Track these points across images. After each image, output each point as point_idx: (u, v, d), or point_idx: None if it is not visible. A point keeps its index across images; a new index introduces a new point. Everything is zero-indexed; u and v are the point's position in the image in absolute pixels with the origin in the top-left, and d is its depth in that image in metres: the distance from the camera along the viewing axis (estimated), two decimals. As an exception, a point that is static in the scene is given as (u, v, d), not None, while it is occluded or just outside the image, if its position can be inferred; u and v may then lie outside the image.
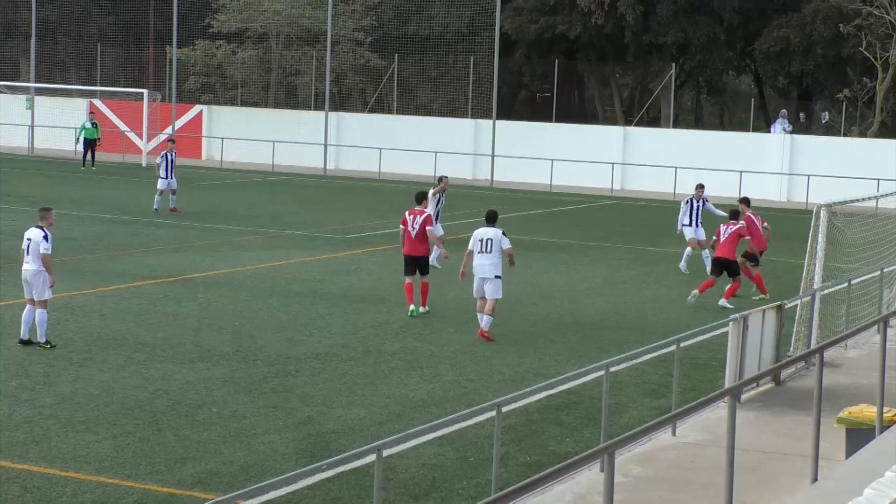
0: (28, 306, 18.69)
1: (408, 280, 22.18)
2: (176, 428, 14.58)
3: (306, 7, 60.62)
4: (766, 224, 26.36)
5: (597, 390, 15.54)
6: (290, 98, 63.65)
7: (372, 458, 10.22)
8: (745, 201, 26.24)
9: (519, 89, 69.81)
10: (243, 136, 56.69)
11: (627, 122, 59.19)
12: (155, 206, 36.33)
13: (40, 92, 60.43)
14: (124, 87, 61.38)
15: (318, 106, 58.87)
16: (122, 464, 13.24)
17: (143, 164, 53.11)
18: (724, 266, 24.29)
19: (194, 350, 18.67)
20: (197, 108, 59.52)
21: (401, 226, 22.36)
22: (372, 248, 30.62)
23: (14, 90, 62.94)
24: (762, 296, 24.84)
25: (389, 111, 59.45)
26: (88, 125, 51.96)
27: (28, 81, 61.16)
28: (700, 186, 28.85)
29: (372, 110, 60.25)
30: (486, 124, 53.81)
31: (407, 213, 22.27)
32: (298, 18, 60.45)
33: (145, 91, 56.08)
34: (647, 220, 40.30)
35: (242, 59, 62.30)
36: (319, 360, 18.34)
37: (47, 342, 18.45)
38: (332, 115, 56.40)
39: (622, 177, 51.49)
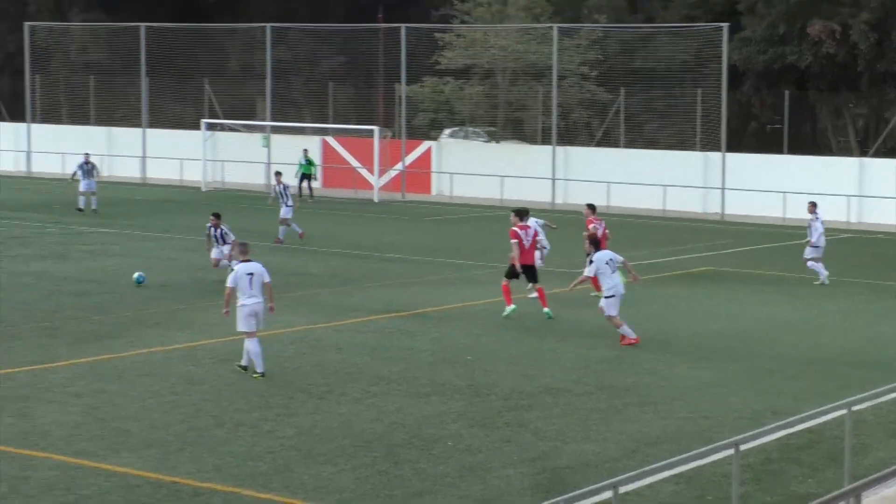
0: (255, 338, 19.13)
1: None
2: (413, 461, 14.76)
3: (531, 42, 60.91)
4: None
5: (838, 430, 15.10)
6: (517, 133, 64.02)
7: (608, 494, 10.17)
8: None
9: (748, 121, 68.69)
10: (471, 171, 57.26)
11: (863, 153, 57.56)
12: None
13: (275, 130, 62.28)
14: (355, 124, 62.80)
15: (545, 140, 59.04)
16: (362, 495, 13.45)
17: (376, 200, 54.20)
18: None
19: (429, 384, 18.89)
20: (426, 145, 60.39)
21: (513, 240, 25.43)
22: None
23: (251, 129, 65.09)
24: None
25: (616, 145, 59.19)
26: (303, 161, 54.91)
27: (264, 120, 63.09)
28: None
29: (599, 144, 60.12)
30: (715, 157, 53.06)
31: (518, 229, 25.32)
32: (524, 54, 60.77)
33: (376, 128, 57.25)
34: (886, 254, 39.12)
35: (469, 95, 62.98)
36: (552, 395, 18.33)
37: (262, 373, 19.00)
38: (560, 149, 56.49)
39: (859, 209, 50.01)
